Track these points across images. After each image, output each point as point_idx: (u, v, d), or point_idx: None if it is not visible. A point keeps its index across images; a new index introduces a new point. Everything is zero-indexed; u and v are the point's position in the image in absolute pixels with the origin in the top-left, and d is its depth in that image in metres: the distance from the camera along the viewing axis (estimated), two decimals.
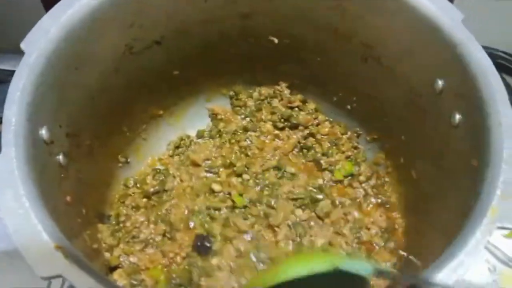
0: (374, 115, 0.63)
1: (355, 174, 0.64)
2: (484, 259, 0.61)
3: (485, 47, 0.45)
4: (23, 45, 0.43)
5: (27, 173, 0.38)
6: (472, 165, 0.42)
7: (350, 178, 0.64)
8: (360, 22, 0.55)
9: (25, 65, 0.42)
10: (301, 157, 0.67)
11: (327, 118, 0.68)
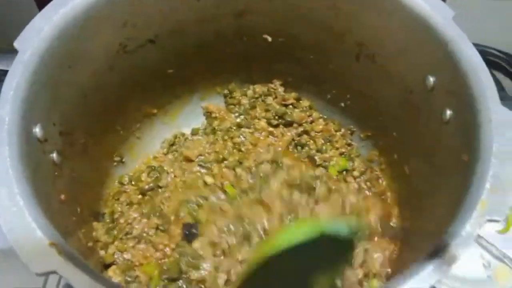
0: (368, 112, 0.63)
1: (349, 170, 0.64)
2: (479, 255, 0.62)
3: (476, 44, 0.46)
4: (16, 43, 0.43)
5: (21, 171, 0.38)
6: (463, 160, 0.42)
7: (344, 174, 0.65)
8: (354, 21, 0.55)
9: (19, 63, 0.43)
10: (295, 154, 0.67)
11: (321, 116, 0.68)
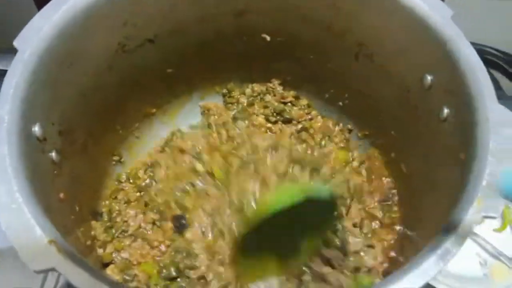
0: (366, 111, 0.63)
1: (349, 161, 0.65)
2: (475, 253, 0.62)
3: (473, 44, 0.46)
4: (16, 42, 0.43)
5: (20, 170, 0.39)
6: (460, 158, 0.43)
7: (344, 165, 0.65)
8: (353, 21, 0.55)
9: (18, 62, 0.43)
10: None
11: (319, 113, 0.68)
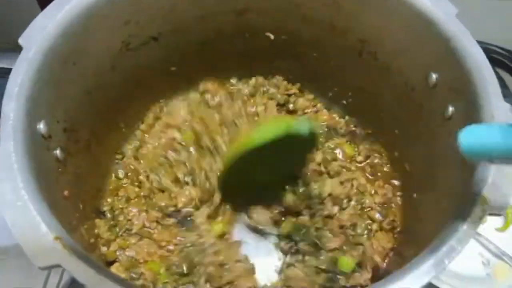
0: (369, 109, 0.63)
1: (354, 156, 0.64)
2: (478, 253, 0.62)
3: (479, 42, 0.46)
4: (21, 40, 0.44)
5: (25, 167, 0.39)
6: (463, 156, 0.42)
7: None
8: (356, 18, 0.55)
9: (23, 60, 0.43)
10: None
11: (325, 106, 0.68)
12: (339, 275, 0.54)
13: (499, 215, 0.36)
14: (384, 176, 0.62)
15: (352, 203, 0.59)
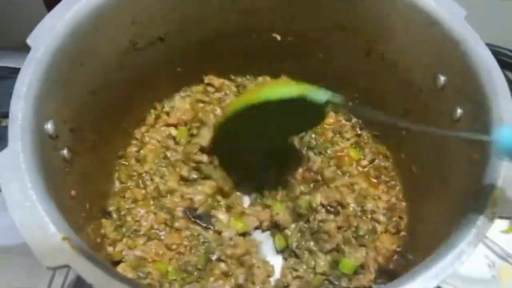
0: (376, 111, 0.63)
1: (360, 160, 0.64)
2: (483, 255, 0.62)
3: (487, 44, 0.46)
4: (29, 40, 0.44)
5: (33, 167, 0.39)
6: (473, 159, 0.42)
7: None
8: (364, 18, 0.55)
9: (32, 60, 0.43)
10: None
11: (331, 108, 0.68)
12: (341, 276, 0.54)
13: (508, 218, 0.36)
14: (389, 179, 0.62)
15: (352, 206, 0.59)
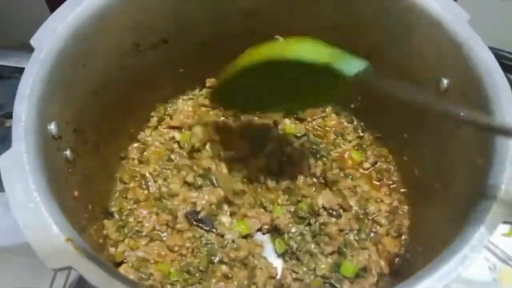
0: (378, 114, 0.63)
1: (362, 162, 0.64)
2: (484, 258, 0.62)
3: (490, 48, 0.46)
4: (32, 41, 0.44)
5: (37, 168, 0.39)
6: (476, 162, 0.42)
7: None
8: (365, 20, 0.55)
9: (35, 61, 0.43)
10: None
11: (334, 111, 0.68)
12: (342, 279, 0.54)
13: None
14: (391, 182, 0.62)
15: (354, 208, 0.59)
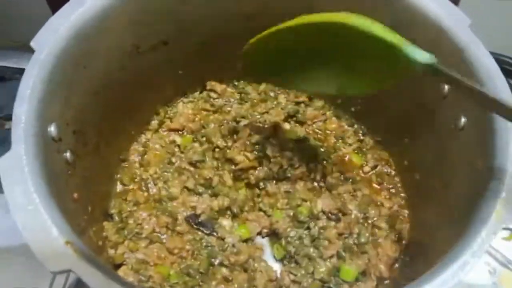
0: (379, 118, 0.63)
1: (362, 166, 0.64)
2: (485, 262, 0.62)
3: (491, 53, 0.46)
4: (33, 43, 0.44)
5: (36, 169, 0.39)
6: (476, 167, 0.42)
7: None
8: None
9: (35, 62, 0.43)
10: None
11: (334, 114, 0.68)
12: (341, 283, 0.53)
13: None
14: (392, 186, 0.62)
15: (354, 212, 0.58)
